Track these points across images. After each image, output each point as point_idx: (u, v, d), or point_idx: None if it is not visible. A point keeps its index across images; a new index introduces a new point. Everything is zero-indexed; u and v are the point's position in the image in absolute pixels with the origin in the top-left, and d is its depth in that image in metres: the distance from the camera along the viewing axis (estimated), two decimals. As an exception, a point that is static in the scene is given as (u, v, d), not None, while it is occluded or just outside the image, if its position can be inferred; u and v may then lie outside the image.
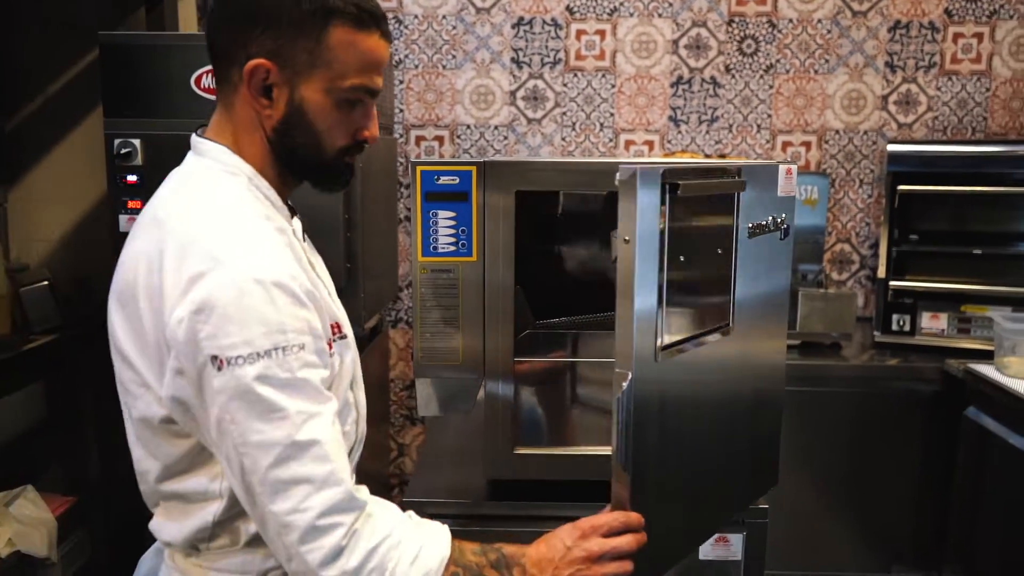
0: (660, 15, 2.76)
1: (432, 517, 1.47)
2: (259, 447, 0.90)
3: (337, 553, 0.93)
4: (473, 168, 1.31)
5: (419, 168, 1.33)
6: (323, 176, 1.09)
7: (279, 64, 0.97)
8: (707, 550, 1.42)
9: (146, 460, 1.03)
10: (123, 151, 2.10)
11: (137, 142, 2.11)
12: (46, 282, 2.46)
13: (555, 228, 1.57)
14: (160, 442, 1.00)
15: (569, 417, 1.53)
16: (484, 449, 1.41)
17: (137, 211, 2.12)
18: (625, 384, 1.04)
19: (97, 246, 2.49)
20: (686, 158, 2.67)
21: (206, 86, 2.10)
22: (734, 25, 2.76)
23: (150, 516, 1.10)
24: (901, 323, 2.46)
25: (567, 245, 1.63)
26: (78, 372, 2.57)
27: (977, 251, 2.40)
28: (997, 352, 2.13)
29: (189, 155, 1.06)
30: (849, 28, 2.75)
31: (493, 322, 1.35)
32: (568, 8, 2.77)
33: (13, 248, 2.75)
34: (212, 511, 1.01)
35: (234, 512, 1.00)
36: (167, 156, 2.07)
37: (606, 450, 1.46)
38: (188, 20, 2.68)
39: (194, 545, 1.04)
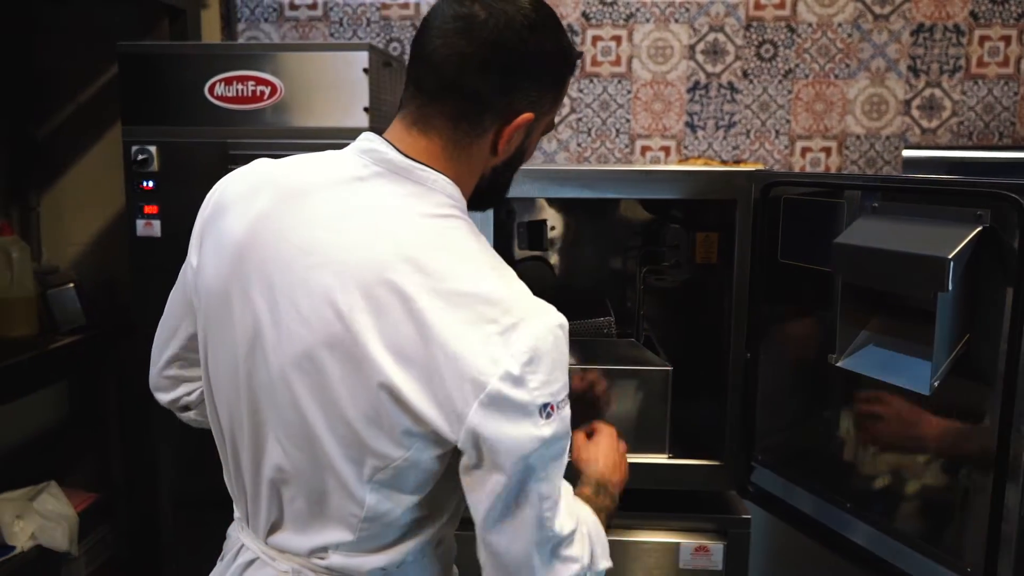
0: (677, 20, 2.75)
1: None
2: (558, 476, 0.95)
3: None
4: (451, 175, 1.33)
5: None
6: (494, 203, 1.12)
7: (535, 114, 0.99)
8: (687, 559, 1.41)
9: (385, 503, 0.96)
10: (140, 157, 2.17)
11: (153, 149, 2.17)
12: (71, 284, 2.54)
13: (539, 234, 1.59)
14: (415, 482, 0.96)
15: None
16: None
17: (154, 216, 2.19)
18: None
19: (121, 249, 2.57)
20: (700, 164, 2.66)
21: (219, 94, 2.16)
22: (752, 30, 2.74)
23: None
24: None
25: (550, 251, 1.64)
26: (102, 371, 2.65)
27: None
28: None
29: (394, 179, 0.97)
30: (870, 32, 2.70)
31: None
32: (584, 14, 2.77)
33: (46, 251, 2.85)
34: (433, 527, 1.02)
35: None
36: (181, 162, 2.17)
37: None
38: (211, 30, 2.75)
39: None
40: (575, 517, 0.99)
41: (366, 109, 2.16)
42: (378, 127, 2.32)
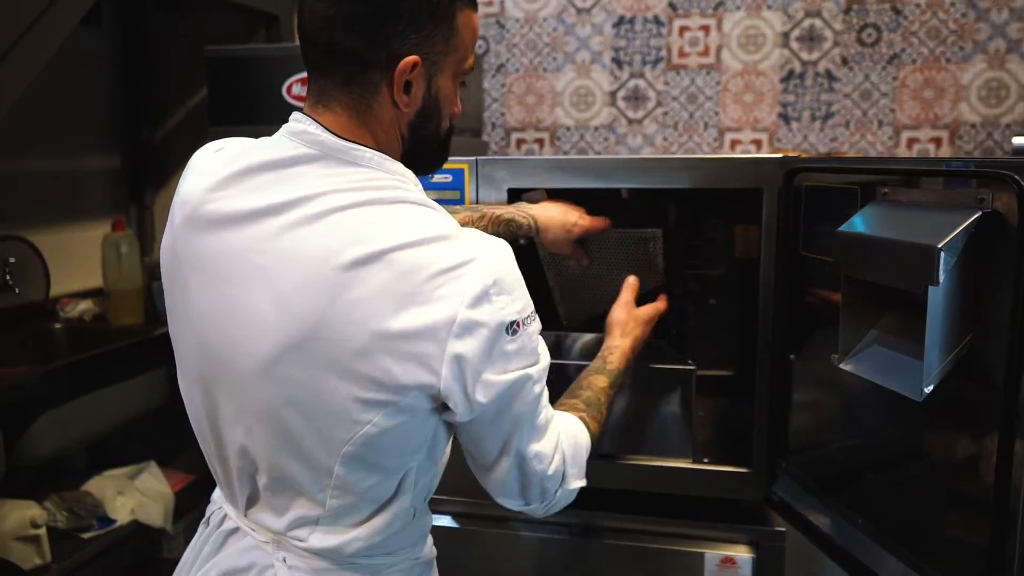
0: (769, 7, 2.61)
1: (442, 514, 1.49)
2: (536, 382, 0.97)
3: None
4: (465, 166, 1.31)
5: (413, 166, 1.34)
6: (434, 161, 1.07)
7: (422, 57, 0.94)
8: (712, 570, 1.32)
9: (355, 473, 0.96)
10: (224, 157, 2.28)
11: (236, 148, 2.28)
12: (173, 277, 2.71)
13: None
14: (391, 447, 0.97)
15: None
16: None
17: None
18: None
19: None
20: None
21: (296, 94, 2.24)
22: (852, 13, 2.56)
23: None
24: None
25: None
26: (200, 360, 2.79)
27: None
28: None
29: (331, 163, 0.95)
30: (988, 11, 2.46)
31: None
32: (671, 4, 2.68)
33: (156, 248, 3.06)
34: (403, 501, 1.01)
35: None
36: (261, 161, 2.27)
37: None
38: (305, 34, 2.86)
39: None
40: (553, 438, 1.02)
41: (432, 105, 2.18)
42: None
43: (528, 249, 1.41)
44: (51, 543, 2.12)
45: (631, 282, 1.36)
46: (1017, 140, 2.22)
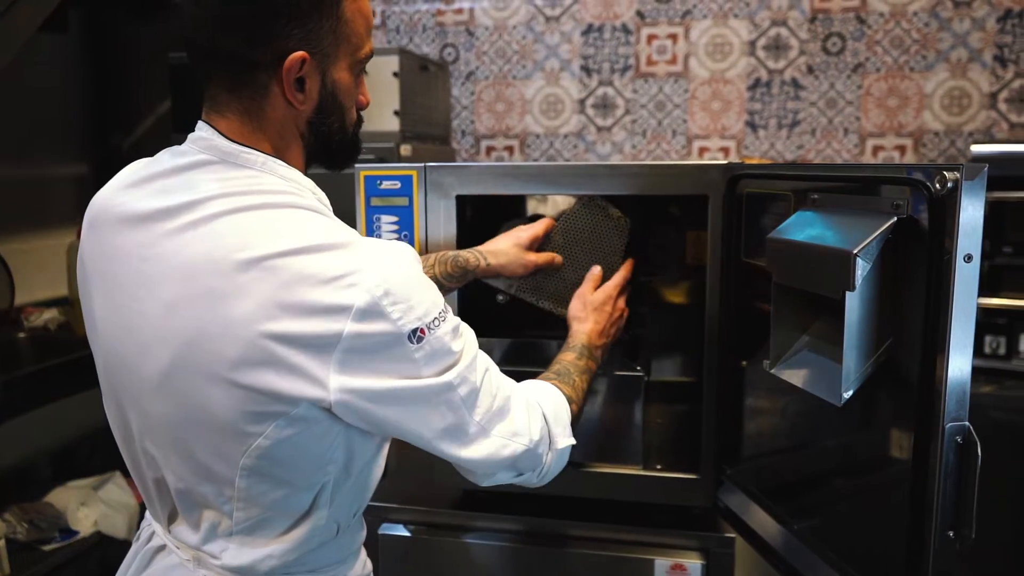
0: (736, 16, 2.63)
1: (394, 523, 1.49)
2: (458, 386, 0.91)
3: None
4: (414, 173, 1.31)
5: (362, 173, 1.35)
6: (345, 157, 1.03)
7: (310, 52, 0.90)
8: (661, 576, 1.33)
9: (265, 482, 0.94)
10: (188, 164, 2.27)
11: (201, 155, 2.27)
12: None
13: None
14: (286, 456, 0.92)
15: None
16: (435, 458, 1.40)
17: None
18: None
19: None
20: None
21: (260, 102, 2.24)
22: (817, 23, 2.58)
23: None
24: (995, 346, 2.18)
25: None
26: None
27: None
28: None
29: (224, 167, 0.93)
30: (950, 20, 2.49)
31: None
32: (639, 13, 2.69)
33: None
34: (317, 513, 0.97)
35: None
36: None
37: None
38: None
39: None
40: (523, 409, 0.99)
41: (396, 112, 2.18)
42: (410, 131, 2.34)
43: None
44: (10, 556, 2.09)
45: (594, 272, 1.34)
46: (976, 148, 2.25)
